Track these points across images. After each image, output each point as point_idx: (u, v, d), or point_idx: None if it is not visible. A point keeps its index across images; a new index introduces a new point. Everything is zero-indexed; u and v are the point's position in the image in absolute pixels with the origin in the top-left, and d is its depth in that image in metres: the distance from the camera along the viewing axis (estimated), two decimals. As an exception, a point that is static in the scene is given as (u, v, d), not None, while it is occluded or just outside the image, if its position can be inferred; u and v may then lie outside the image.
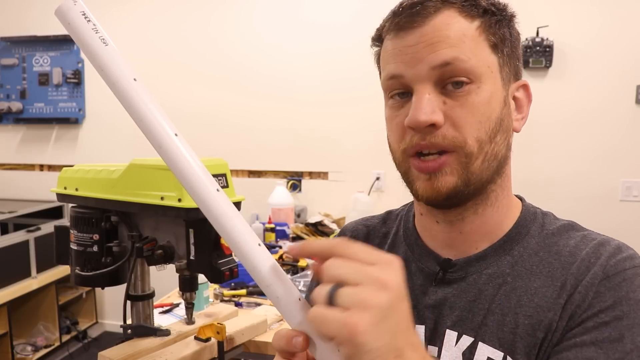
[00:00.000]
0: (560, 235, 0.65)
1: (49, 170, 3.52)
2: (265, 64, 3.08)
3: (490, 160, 0.60)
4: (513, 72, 0.64)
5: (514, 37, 0.64)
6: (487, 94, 0.59)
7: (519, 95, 0.67)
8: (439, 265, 0.67)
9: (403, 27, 0.60)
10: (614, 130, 2.67)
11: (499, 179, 0.64)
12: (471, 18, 0.59)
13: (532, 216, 0.68)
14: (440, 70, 0.58)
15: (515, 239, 0.65)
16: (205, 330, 1.19)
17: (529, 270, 0.62)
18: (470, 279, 0.64)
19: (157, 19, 3.22)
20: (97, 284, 1.15)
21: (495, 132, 0.60)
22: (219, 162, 1.08)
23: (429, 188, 0.60)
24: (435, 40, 0.58)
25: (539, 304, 0.59)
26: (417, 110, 0.57)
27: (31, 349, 2.93)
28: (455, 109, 0.58)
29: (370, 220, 0.80)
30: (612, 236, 0.64)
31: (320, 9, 2.95)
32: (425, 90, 0.58)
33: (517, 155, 2.68)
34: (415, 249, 0.70)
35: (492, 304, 0.61)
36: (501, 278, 0.63)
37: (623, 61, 2.63)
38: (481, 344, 0.60)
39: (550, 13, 2.68)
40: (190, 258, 1.05)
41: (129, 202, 1.08)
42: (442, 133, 0.58)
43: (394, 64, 0.61)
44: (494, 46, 0.61)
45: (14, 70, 3.44)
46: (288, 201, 2.85)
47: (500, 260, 0.64)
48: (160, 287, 1.52)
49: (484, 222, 0.65)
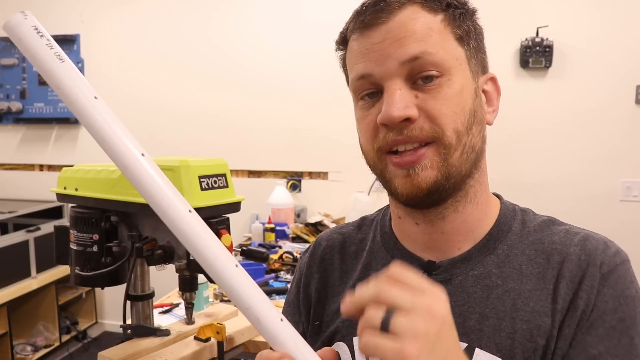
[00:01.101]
0: (542, 231, 0.64)
1: (49, 170, 3.52)
2: (265, 64, 3.08)
3: (469, 152, 0.59)
4: (480, 65, 0.64)
5: (478, 31, 0.63)
6: (458, 86, 0.58)
7: (488, 88, 0.66)
8: (422, 268, 0.64)
9: (368, 24, 0.59)
10: (614, 131, 2.67)
11: (477, 173, 0.63)
12: (435, 12, 0.59)
13: (511, 213, 0.67)
14: (409, 65, 0.57)
15: (497, 237, 0.64)
16: (205, 330, 1.19)
17: (519, 270, 0.61)
18: (455, 281, 0.62)
19: (157, 18, 3.22)
20: (97, 284, 1.15)
21: (471, 123, 0.59)
22: (219, 162, 1.08)
23: (408, 184, 0.58)
24: (402, 36, 0.57)
25: (534, 308, 0.58)
26: (390, 105, 0.56)
27: (31, 349, 2.93)
28: (428, 102, 0.57)
29: (345, 228, 0.78)
30: (613, 237, 0.64)
31: (319, 9, 2.95)
32: (396, 86, 0.57)
33: (517, 156, 2.68)
34: (395, 253, 0.68)
35: (485, 308, 0.60)
36: (488, 279, 0.61)
37: (623, 61, 2.63)
38: (478, 350, 0.58)
39: (550, 13, 2.68)
40: (190, 258, 1.05)
41: (128, 202, 1.08)
42: (419, 125, 0.57)
43: (362, 63, 0.59)
44: (459, 39, 0.60)
45: (13, 70, 3.44)
46: (288, 201, 2.85)
47: (485, 260, 0.62)
48: (160, 287, 1.52)
49: (465, 220, 0.63)
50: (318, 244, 0.78)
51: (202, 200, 1.01)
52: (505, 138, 2.77)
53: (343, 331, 0.67)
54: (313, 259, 0.76)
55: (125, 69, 3.26)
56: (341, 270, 0.72)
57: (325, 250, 0.75)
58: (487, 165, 0.66)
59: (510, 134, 2.77)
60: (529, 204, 0.72)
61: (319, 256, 0.76)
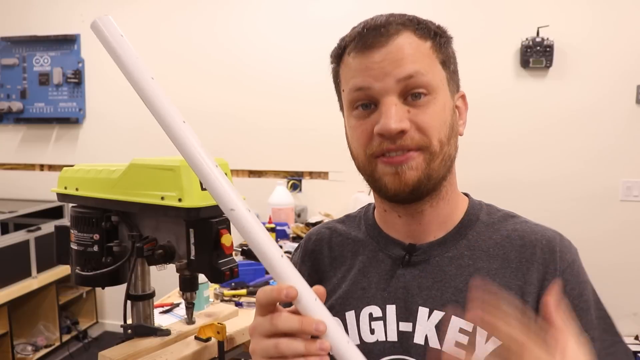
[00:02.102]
0: (506, 221, 0.76)
1: (49, 170, 3.53)
2: (265, 63, 3.07)
3: (447, 159, 0.70)
4: (456, 85, 0.75)
5: (454, 56, 0.74)
6: (441, 104, 0.69)
7: (459, 104, 0.76)
8: (405, 250, 0.75)
9: (370, 46, 0.68)
10: (614, 130, 2.67)
11: (449, 175, 0.74)
12: (424, 39, 0.69)
13: (478, 206, 0.79)
14: (404, 83, 0.66)
15: (468, 225, 0.76)
16: (206, 330, 1.19)
17: (487, 252, 0.73)
18: (433, 261, 0.74)
19: (157, 18, 3.22)
20: (98, 283, 1.15)
21: (450, 135, 0.70)
22: (219, 162, 1.08)
23: (396, 181, 0.68)
24: (399, 57, 0.66)
25: (500, 283, 0.70)
26: (388, 119, 0.65)
27: (31, 348, 2.94)
28: (419, 116, 0.67)
29: (331, 223, 0.88)
30: (613, 237, 0.69)
31: (320, 8, 2.95)
32: (392, 102, 0.66)
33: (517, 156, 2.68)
34: (380, 239, 0.79)
35: (459, 283, 0.71)
36: (461, 259, 0.73)
37: (623, 61, 2.63)
38: (454, 317, 0.69)
39: (550, 13, 2.68)
40: (190, 258, 1.05)
41: (129, 202, 1.08)
42: (410, 136, 0.67)
43: (361, 77, 0.68)
44: (443, 63, 0.70)
45: (14, 70, 3.45)
46: (288, 201, 2.85)
47: (458, 244, 0.74)
48: (161, 287, 1.52)
49: (438, 214, 0.74)
50: (308, 238, 0.88)
51: (202, 200, 1.01)
52: (505, 138, 2.77)
53: (337, 307, 0.76)
54: (305, 251, 0.86)
55: (125, 69, 3.26)
56: (330, 257, 0.83)
57: (315, 243, 0.86)
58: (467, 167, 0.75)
59: (511, 133, 2.77)
60: (529, 204, 0.76)
61: (310, 249, 0.86)
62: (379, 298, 0.74)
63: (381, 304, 0.73)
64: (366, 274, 0.77)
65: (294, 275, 0.52)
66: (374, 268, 0.77)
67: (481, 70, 2.78)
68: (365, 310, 0.74)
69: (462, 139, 0.77)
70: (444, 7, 2.80)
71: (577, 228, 2.74)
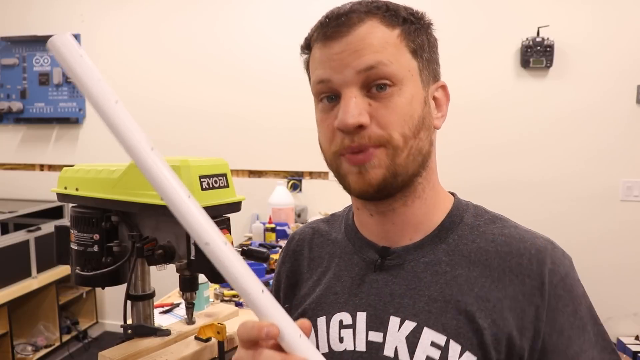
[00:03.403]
0: (493, 223, 0.70)
1: (49, 170, 3.53)
2: (265, 63, 3.08)
3: (415, 154, 0.65)
4: (432, 75, 0.69)
5: (432, 43, 0.69)
6: (408, 95, 0.64)
7: (438, 95, 0.71)
8: (378, 253, 0.71)
9: (330, 37, 0.65)
10: (614, 130, 2.67)
11: (424, 172, 0.68)
12: (392, 27, 0.65)
13: (464, 207, 0.73)
14: (365, 74, 0.63)
15: (449, 227, 0.70)
16: (206, 330, 1.19)
17: (467, 258, 0.67)
18: (407, 267, 0.69)
19: (157, 18, 3.22)
20: (98, 283, 1.15)
21: (419, 129, 0.65)
22: (219, 162, 1.08)
23: (360, 181, 0.65)
24: (360, 48, 0.63)
25: (478, 293, 0.64)
26: (345, 113, 0.62)
27: (31, 348, 2.94)
28: (380, 110, 0.63)
29: (316, 223, 0.86)
30: (613, 237, 0.67)
31: (320, 8, 2.94)
32: (352, 94, 0.63)
33: (518, 155, 2.68)
34: (356, 241, 0.75)
35: (433, 291, 0.66)
36: (438, 266, 0.67)
37: (623, 61, 2.63)
38: (426, 329, 0.64)
39: (551, 13, 2.68)
40: (190, 258, 1.05)
41: (129, 202, 1.08)
42: (368, 133, 0.63)
43: (322, 69, 0.65)
44: (413, 52, 0.66)
45: (14, 70, 3.45)
46: (288, 201, 2.85)
47: (436, 249, 0.69)
48: (161, 287, 1.52)
49: (413, 214, 0.69)
50: (292, 237, 0.86)
51: (202, 200, 1.01)
52: (506, 138, 2.77)
53: (309, 312, 0.74)
54: (287, 252, 0.85)
55: (125, 69, 3.26)
56: (309, 259, 0.80)
57: (298, 243, 0.84)
58: (436, 165, 0.72)
59: (511, 134, 2.77)
60: (529, 204, 0.74)
61: (292, 249, 0.84)
62: (350, 304, 0.70)
63: (352, 311, 0.69)
64: (340, 277, 0.73)
65: (276, 311, 0.48)
66: (347, 272, 0.73)
67: (481, 70, 2.78)
68: (336, 317, 0.70)
69: (462, 140, 0.74)
70: (444, 7, 2.80)
71: (577, 228, 2.74)
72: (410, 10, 0.68)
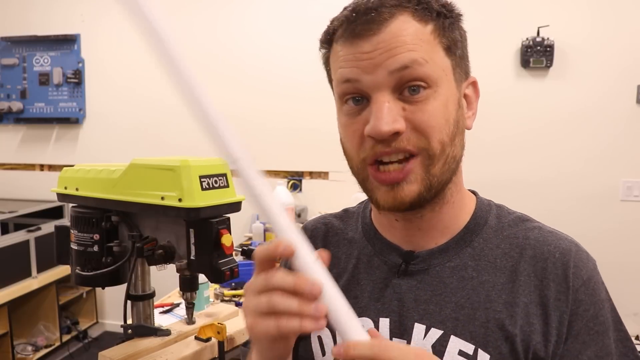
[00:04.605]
0: (517, 226, 0.67)
1: (50, 170, 3.52)
2: (265, 63, 3.07)
3: (450, 162, 0.61)
4: (464, 72, 0.65)
5: (463, 37, 0.65)
6: (443, 98, 0.59)
7: (469, 92, 0.66)
8: (401, 258, 0.67)
9: (359, 34, 0.58)
10: (614, 130, 2.67)
11: (454, 177, 0.65)
12: (425, 22, 0.59)
13: (487, 207, 0.69)
14: (398, 75, 0.57)
15: (474, 230, 0.66)
16: (206, 330, 1.19)
17: (493, 264, 0.64)
18: (433, 272, 0.65)
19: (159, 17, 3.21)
20: (98, 283, 1.15)
21: (455, 134, 0.61)
22: (219, 162, 1.08)
23: (390, 199, 0.60)
24: (393, 46, 0.57)
25: (506, 300, 0.61)
26: (379, 120, 0.57)
27: (31, 348, 2.93)
28: (416, 114, 0.58)
29: (328, 218, 0.80)
30: (613, 237, 0.66)
31: (320, 7, 2.94)
32: (384, 99, 0.57)
33: (518, 155, 2.68)
34: (376, 243, 0.71)
35: (460, 298, 0.62)
36: (464, 271, 0.64)
37: (624, 61, 2.63)
38: (453, 337, 0.61)
39: (551, 13, 2.67)
40: (190, 258, 1.05)
41: (129, 202, 1.08)
42: (407, 137, 0.58)
43: (349, 69, 0.59)
44: (447, 49, 0.61)
45: (14, 70, 3.44)
46: (288, 201, 2.84)
47: (461, 253, 0.65)
48: (161, 287, 1.52)
49: (441, 219, 0.66)
50: (303, 232, 0.81)
51: (202, 200, 1.01)
52: (506, 138, 2.77)
53: None
54: None
55: (125, 69, 3.26)
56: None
57: (309, 239, 0.79)
58: (468, 167, 0.69)
59: (511, 133, 2.77)
60: (529, 204, 0.74)
61: None
62: (372, 310, 0.66)
63: (374, 317, 0.66)
64: (359, 281, 0.69)
65: (293, 231, 0.48)
66: (368, 275, 0.69)
67: (481, 70, 2.77)
68: None
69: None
70: (444, 7, 2.80)
71: (577, 228, 2.73)
72: (442, 2, 0.61)
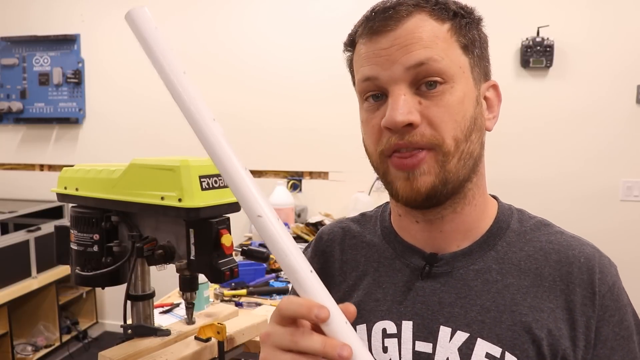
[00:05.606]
0: (539, 230, 0.68)
1: (49, 170, 3.52)
2: (265, 63, 3.07)
3: (466, 158, 0.62)
4: (483, 73, 0.66)
5: (483, 39, 0.66)
6: (460, 94, 0.61)
7: (490, 95, 0.68)
8: (425, 260, 0.67)
9: (377, 31, 0.61)
10: (614, 130, 2.67)
11: (475, 177, 0.65)
12: (442, 21, 0.61)
13: (508, 212, 0.70)
14: (414, 71, 0.59)
15: (497, 234, 0.67)
16: (206, 330, 1.19)
17: (517, 267, 0.64)
18: (457, 274, 0.65)
19: (156, 17, 3.21)
20: (98, 283, 1.15)
21: (471, 130, 0.62)
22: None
23: (408, 188, 0.61)
24: (409, 42, 0.59)
25: (531, 303, 0.62)
26: (394, 110, 0.59)
27: (31, 349, 2.93)
28: (431, 109, 0.59)
29: (345, 222, 0.81)
30: (613, 237, 0.66)
31: (320, 8, 2.95)
32: (401, 92, 0.59)
33: (518, 155, 2.67)
34: (397, 246, 0.71)
35: (485, 300, 0.63)
36: (488, 274, 0.64)
37: (623, 61, 2.63)
38: (480, 340, 0.61)
39: (551, 13, 2.67)
40: (190, 258, 1.04)
41: (129, 202, 1.08)
42: (420, 132, 0.59)
43: (369, 66, 0.62)
44: (464, 47, 0.62)
45: (14, 70, 3.44)
46: (288, 201, 2.84)
47: (485, 256, 0.66)
48: (161, 287, 1.52)
49: (463, 221, 0.66)
50: (319, 237, 0.81)
51: (202, 200, 1.01)
52: (505, 137, 2.77)
53: None
54: (315, 251, 0.80)
55: (125, 69, 3.26)
56: (341, 262, 0.76)
57: (327, 243, 0.79)
58: (485, 168, 0.69)
59: (511, 133, 2.77)
60: (529, 203, 0.74)
61: (321, 249, 0.79)
62: (395, 312, 0.66)
63: (396, 320, 0.66)
64: (381, 284, 0.69)
65: (324, 293, 0.46)
66: (389, 278, 0.69)
67: (481, 70, 2.78)
68: (379, 325, 0.66)
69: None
70: (444, 7, 2.80)
71: (577, 228, 2.72)
72: (459, 4, 0.64)
